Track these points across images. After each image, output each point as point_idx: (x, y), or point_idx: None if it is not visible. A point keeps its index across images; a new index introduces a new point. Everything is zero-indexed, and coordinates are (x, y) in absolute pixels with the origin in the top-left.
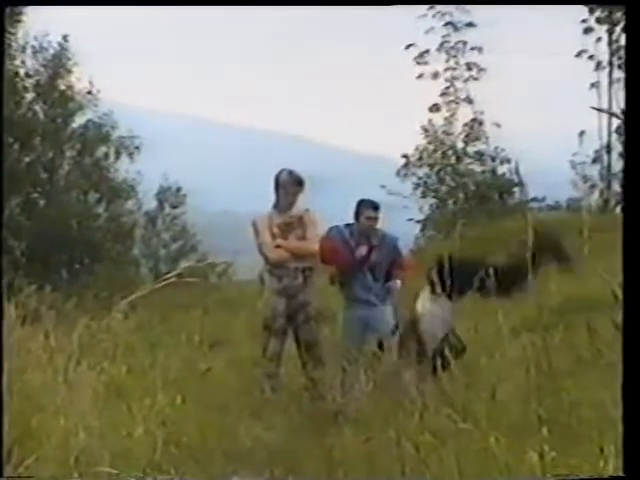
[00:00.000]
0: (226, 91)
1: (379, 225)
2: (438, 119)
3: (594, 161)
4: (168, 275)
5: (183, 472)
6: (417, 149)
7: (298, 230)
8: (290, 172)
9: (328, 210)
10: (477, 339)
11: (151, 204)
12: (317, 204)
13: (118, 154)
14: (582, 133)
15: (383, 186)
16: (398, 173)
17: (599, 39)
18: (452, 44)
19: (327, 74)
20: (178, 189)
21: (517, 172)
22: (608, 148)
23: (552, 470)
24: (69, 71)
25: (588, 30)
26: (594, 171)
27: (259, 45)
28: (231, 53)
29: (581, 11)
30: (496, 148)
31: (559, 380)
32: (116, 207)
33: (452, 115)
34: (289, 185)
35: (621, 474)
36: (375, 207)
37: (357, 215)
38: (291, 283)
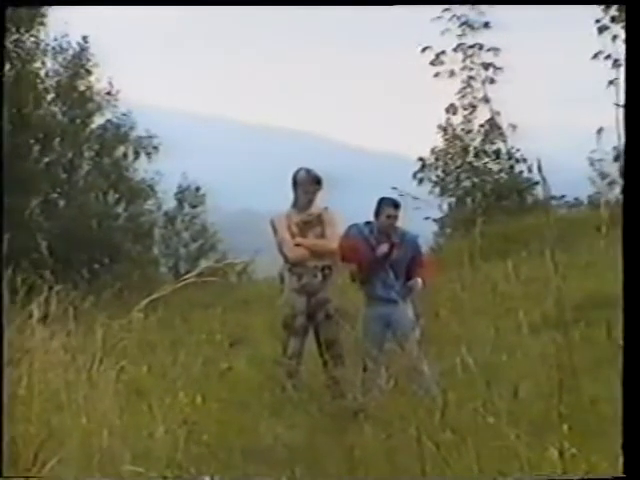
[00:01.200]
0: (244, 90)
1: (399, 223)
2: (455, 119)
3: (615, 159)
4: (188, 275)
5: (204, 471)
6: (434, 150)
7: (317, 228)
8: (308, 171)
9: (345, 209)
10: (497, 337)
11: (170, 204)
12: (335, 202)
13: (137, 154)
14: (600, 130)
15: (394, 188)
16: (415, 176)
17: (615, 37)
18: (468, 45)
19: (345, 74)
20: (197, 188)
21: (539, 169)
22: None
23: (572, 467)
24: (88, 72)
25: (603, 29)
26: (613, 168)
27: (277, 45)
28: (249, 52)
29: (595, 11)
30: (512, 147)
31: (579, 377)
32: (135, 207)
33: (470, 114)
34: (307, 184)
35: (621, 474)
36: (396, 205)
37: (377, 213)
38: (311, 281)
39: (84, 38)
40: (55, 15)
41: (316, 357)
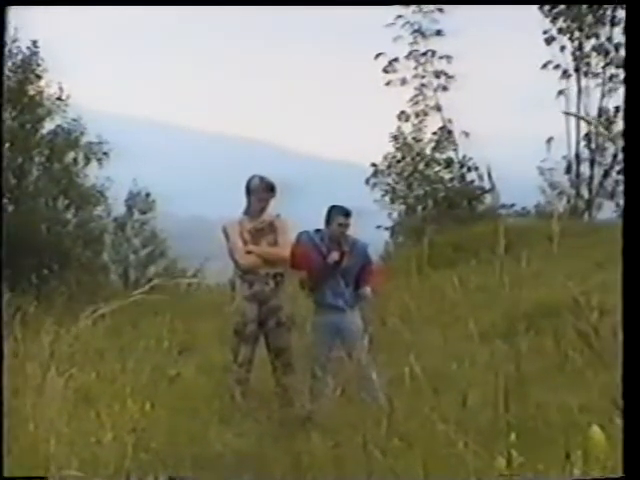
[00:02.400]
0: (197, 97)
1: (349, 232)
2: (407, 127)
3: (567, 171)
4: (138, 291)
5: (153, 478)
6: (386, 157)
7: (269, 236)
8: (262, 178)
9: (297, 216)
10: (446, 345)
11: (120, 210)
12: (287, 210)
13: (87, 160)
14: (550, 140)
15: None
16: (367, 182)
17: (563, 48)
18: (421, 52)
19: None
20: (147, 195)
21: (489, 177)
22: (576, 154)
23: (519, 474)
24: (38, 77)
25: (550, 40)
26: (563, 177)
27: (231, 52)
28: (203, 59)
29: (544, 22)
30: (464, 156)
31: (528, 385)
32: (85, 213)
33: (421, 122)
34: (261, 191)
35: (620, 474)
36: (346, 213)
37: (328, 221)
38: (262, 289)
39: (34, 43)
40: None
41: (266, 364)
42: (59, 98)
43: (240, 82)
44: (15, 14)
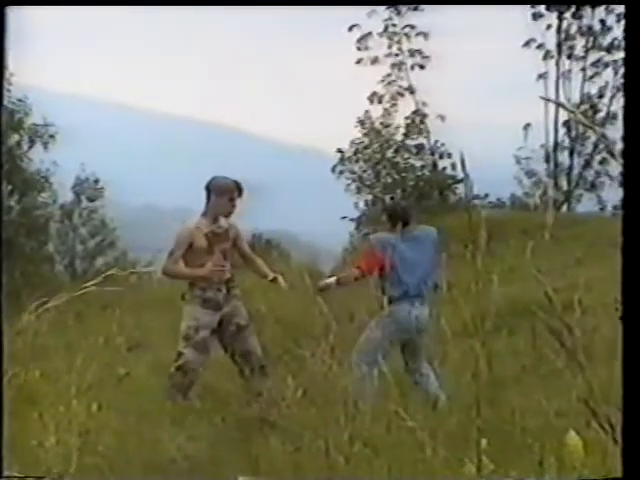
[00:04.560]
0: (150, 77)
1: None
2: (378, 110)
3: (547, 160)
4: (89, 283)
5: None
6: (353, 143)
7: (224, 244)
8: (225, 178)
9: (260, 204)
10: None
11: (67, 197)
12: (251, 199)
13: (32, 143)
14: (527, 126)
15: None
16: (333, 169)
17: (549, 26)
18: (396, 29)
19: (260, 60)
20: (96, 181)
21: (462, 165)
22: (555, 143)
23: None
24: None
25: (537, 16)
26: (540, 167)
27: (186, 27)
28: (156, 37)
29: None
30: (436, 142)
31: (501, 388)
32: (29, 199)
33: (392, 106)
34: (233, 192)
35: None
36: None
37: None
38: (215, 296)
39: None
40: None
41: (222, 365)
42: None
43: (195, 62)
44: None
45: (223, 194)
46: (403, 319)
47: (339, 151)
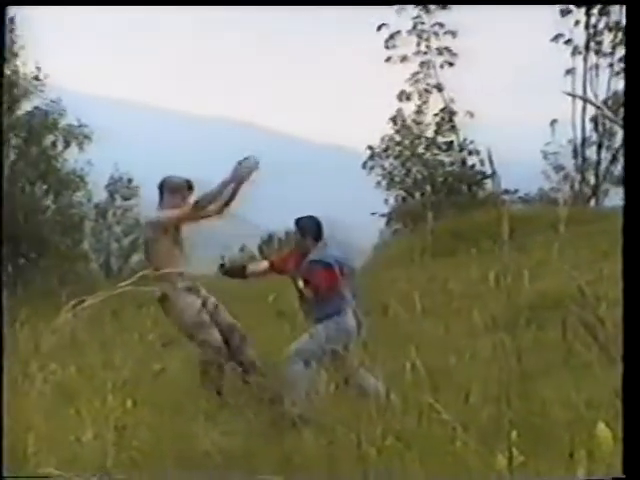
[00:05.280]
0: (182, 78)
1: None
2: (407, 108)
3: (574, 155)
4: (126, 282)
5: (134, 478)
6: (383, 139)
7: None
8: (177, 177)
9: (286, 202)
10: (447, 338)
11: (101, 196)
12: (278, 195)
13: (67, 143)
14: (554, 122)
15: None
16: (364, 165)
17: (577, 22)
18: (425, 27)
19: (291, 58)
20: (129, 180)
21: (490, 161)
22: (583, 138)
23: (521, 475)
24: (14, 54)
25: (565, 12)
26: (568, 162)
27: (217, 29)
28: (187, 40)
29: None
30: (465, 139)
31: (531, 381)
32: (64, 199)
33: (423, 103)
34: (185, 190)
35: (621, 475)
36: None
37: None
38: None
39: (10, 19)
40: None
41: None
42: (36, 78)
43: (229, 62)
44: None
45: (178, 191)
46: (350, 327)
47: (369, 148)
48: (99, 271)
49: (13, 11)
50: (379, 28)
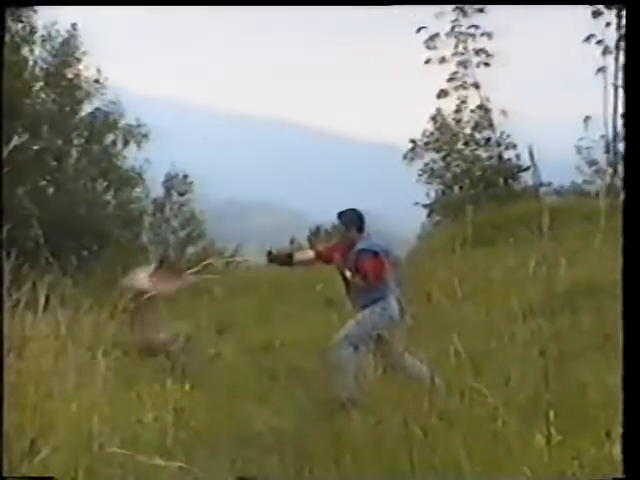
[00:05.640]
0: (231, 79)
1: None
2: (446, 106)
3: (607, 150)
4: (192, 270)
5: (192, 456)
6: (424, 134)
7: None
8: None
9: (331, 197)
10: (488, 323)
11: (159, 191)
12: (320, 191)
13: (126, 142)
14: (587, 118)
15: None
16: (405, 156)
17: (608, 24)
18: (462, 29)
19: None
20: (185, 176)
21: (531, 156)
22: (614, 133)
23: (558, 453)
24: (77, 59)
25: (597, 14)
26: (600, 156)
27: (264, 32)
28: (236, 42)
29: None
30: (502, 134)
31: (567, 364)
32: (124, 194)
33: (462, 102)
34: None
35: (621, 475)
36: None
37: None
38: None
39: (73, 26)
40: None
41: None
42: (97, 81)
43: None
44: None
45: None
46: (394, 313)
47: (412, 141)
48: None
49: (75, 18)
50: (418, 30)
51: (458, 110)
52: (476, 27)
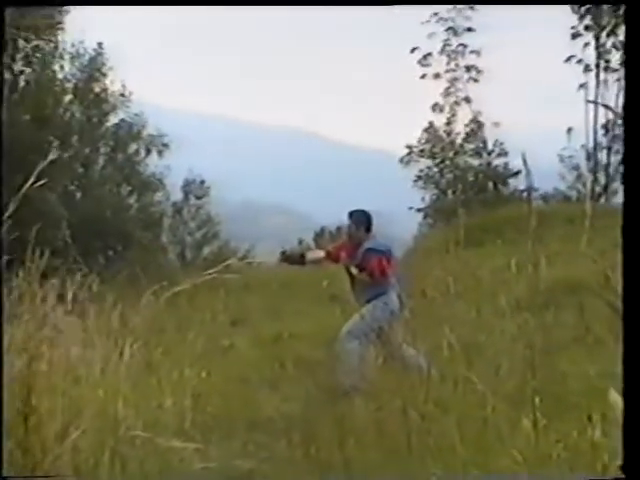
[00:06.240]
0: (245, 92)
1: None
2: (440, 117)
3: (588, 158)
4: (213, 270)
5: (209, 438)
6: (420, 141)
7: None
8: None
9: (342, 197)
10: (478, 318)
11: (178, 196)
12: (327, 192)
13: (148, 151)
14: (570, 129)
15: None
16: (401, 160)
17: (586, 44)
18: (453, 47)
19: (340, 76)
20: (202, 182)
21: (524, 162)
22: (595, 143)
23: (544, 436)
24: (103, 75)
25: (576, 35)
26: (581, 164)
27: (273, 49)
28: (248, 58)
29: (571, 19)
30: (495, 142)
31: (551, 355)
32: (146, 198)
33: (453, 115)
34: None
35: (621, 475)
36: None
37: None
38: None
39: (99, 44)
40: (72, 22)
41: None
42: (122, 94)
43: (286, 78)
44: (80, 16)
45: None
46: (394, 308)
47: (408, 147)
48: (176, 261)
49: (101, 37)
50: (412, 51)
51: (449, 123)
52: (464, 45)
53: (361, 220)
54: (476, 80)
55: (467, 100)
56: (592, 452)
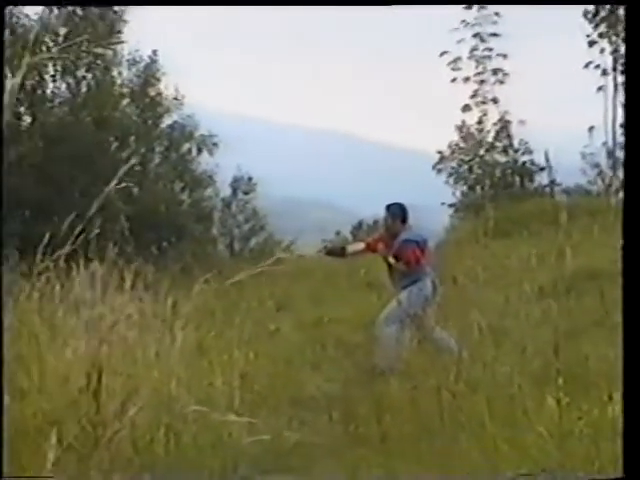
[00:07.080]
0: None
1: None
2: (469, 118)
3: (608, 155)
4: (266, 263)
5: (256, 414)
6: (450, 145)
7: None
8: None
9: (369, 198)
10: (505, 304)
11: (227, 191)
12: (360, 191)
13: (199, 150)
14: (591, 128)
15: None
16: (434, 167)
17: (602, 50)
18: (480, 51)
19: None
20: (249, 178)
21: (546, 159)
22: (614, 141)
23: (567, 413)
24: (158, 80)
25: (592, 43)
26: (602, 160)
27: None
28: (284, 58)
29: (587, 28)
30: (521, 141)
31: (573, 338)
32: (197, 194)
33: (484, 115)
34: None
35: (621, 475)
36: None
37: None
38: None
39: (154, 52)
40: (128, 31)
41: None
42: (175, 98)
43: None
44: (135, 26)
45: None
46: (428, 293)
47: (439, 152)
48: (225, 251)
49: (155, 45)
50: (441, 55)
51: (480, 122)
52: (490, 49)
53: (397, 213)
54: (502, 82)
55: (494, 101)
56: (612, 429)
